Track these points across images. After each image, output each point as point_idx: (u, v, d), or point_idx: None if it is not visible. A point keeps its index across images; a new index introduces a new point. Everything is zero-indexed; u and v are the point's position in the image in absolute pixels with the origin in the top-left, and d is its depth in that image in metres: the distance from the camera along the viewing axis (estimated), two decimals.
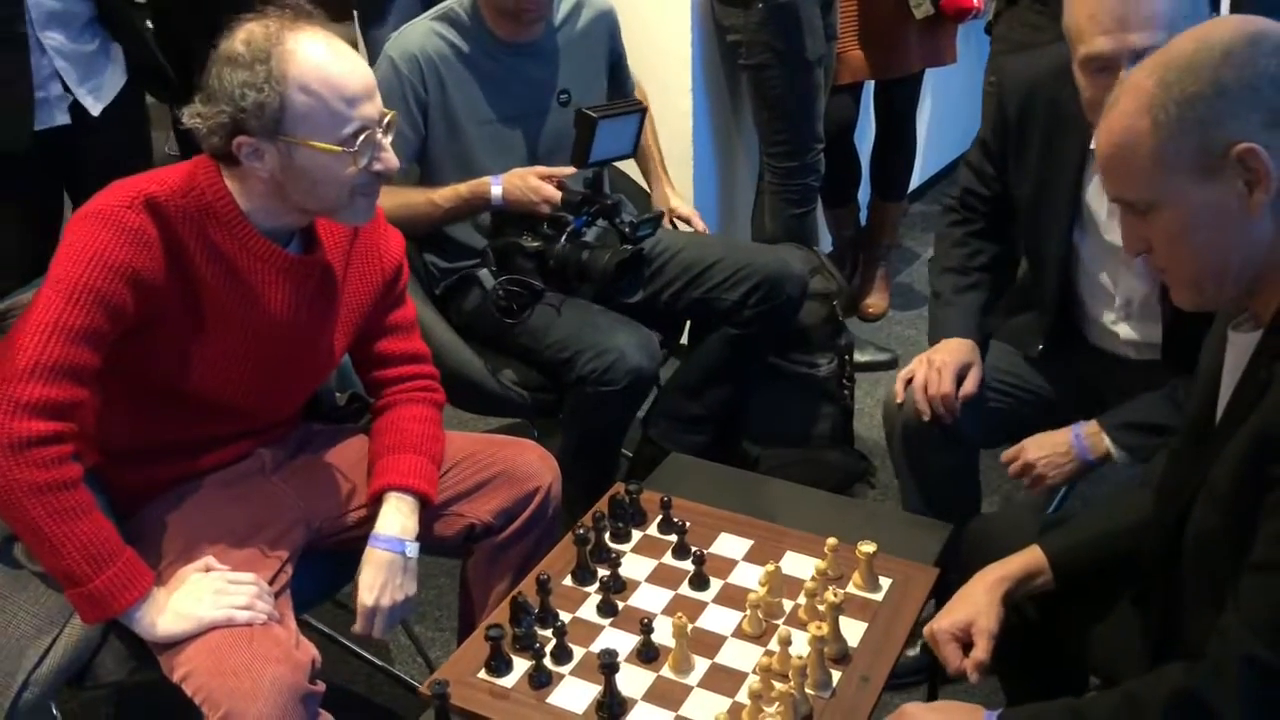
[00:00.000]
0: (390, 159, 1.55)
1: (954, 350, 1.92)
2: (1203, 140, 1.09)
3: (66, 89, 2.19)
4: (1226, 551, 1.14)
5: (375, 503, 1.70)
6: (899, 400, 1.95)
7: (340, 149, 1.49)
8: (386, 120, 1.55)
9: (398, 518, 1.67)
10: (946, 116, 4.04)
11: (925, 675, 1.97)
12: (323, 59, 1.48)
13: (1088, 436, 1.80)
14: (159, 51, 2.39)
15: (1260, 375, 1.12)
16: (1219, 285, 1.15)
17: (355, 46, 2.02)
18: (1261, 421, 1.08)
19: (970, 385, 1.89)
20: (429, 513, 1.74)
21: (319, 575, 1.78)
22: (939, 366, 1.89)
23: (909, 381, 1.94)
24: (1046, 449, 1.82)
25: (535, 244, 2.18)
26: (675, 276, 2.37)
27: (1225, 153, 1.08)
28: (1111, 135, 1.15)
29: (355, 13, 3.25)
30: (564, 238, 2.17)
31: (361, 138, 1.50)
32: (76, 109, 2.23)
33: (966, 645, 1.45)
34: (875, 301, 3.58)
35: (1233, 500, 1.13)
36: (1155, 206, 1.13)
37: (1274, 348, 1.11)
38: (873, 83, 3.33)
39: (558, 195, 2.16)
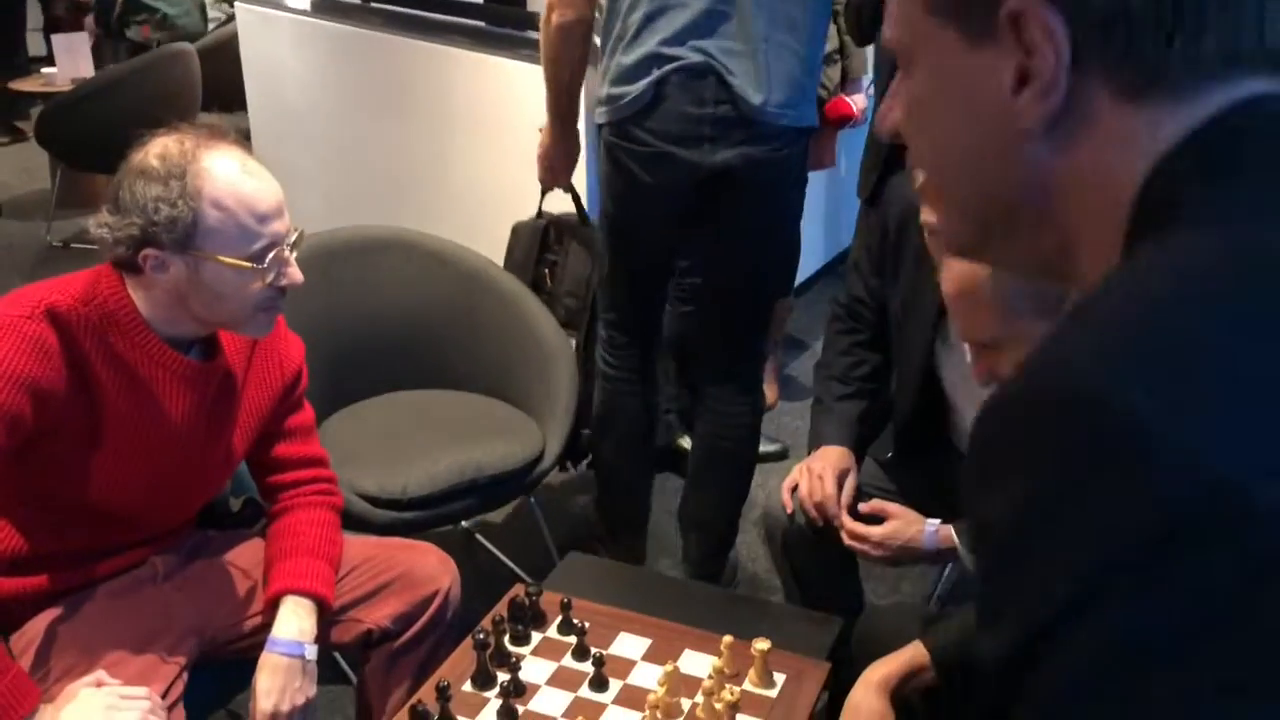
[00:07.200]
0: (295, 274, 1.57)
1: (832, 458, 1.99)
2: None
3: None
4: None
5: (271, 608, 1.69)
6: (789, 511, 2.01)
7: (249, 264, 1.52)
8: (294, 237, 1.58)
9: (295, 621, 1.66)
10: (829, 216, 4.23)
11: None
12: (236, 177, 1.51)
13: (941, 533, 1.87)
14: None
15: None
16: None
17: None
18: None
19: (848, 492, 1.97)
20: (326, 618, 1.73)
21: (212, 684, 1.75)
22: (819, 474, 1.96)
23: (793, 490, 2.00)
24: (902, 534, 1.88)
25: None
26: None
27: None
28: None
29: None
30: None
31: (271, 254, 1.53)
32: None
33: None
34: (765, 393, 3.68)
35: None
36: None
37: None
38: None
39: None
